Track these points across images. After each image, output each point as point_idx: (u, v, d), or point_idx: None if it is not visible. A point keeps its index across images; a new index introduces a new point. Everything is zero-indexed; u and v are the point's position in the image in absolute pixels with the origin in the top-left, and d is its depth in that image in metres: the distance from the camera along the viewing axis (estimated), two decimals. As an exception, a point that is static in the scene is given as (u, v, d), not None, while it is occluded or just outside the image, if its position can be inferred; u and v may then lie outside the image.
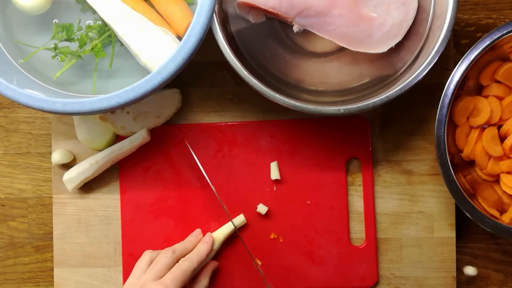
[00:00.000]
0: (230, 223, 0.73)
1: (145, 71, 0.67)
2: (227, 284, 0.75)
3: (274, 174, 0.74)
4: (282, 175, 0.75)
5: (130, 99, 0.60)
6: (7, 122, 0.78)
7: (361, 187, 0.75)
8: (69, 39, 0.67)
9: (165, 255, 0.68)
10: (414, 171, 0.76)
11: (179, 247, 0.70)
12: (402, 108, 0.76)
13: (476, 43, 0.65)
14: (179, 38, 0.68)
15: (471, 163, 0.72)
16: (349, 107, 0.64)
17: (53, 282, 0.76)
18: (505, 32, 0.64)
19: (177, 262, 0.68)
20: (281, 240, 0.75)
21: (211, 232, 0.74)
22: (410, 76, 0.64)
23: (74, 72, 0.69)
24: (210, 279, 0.72)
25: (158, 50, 0.65)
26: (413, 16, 0.69)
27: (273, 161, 0.75)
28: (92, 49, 0.67)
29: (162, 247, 0.72)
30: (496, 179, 0.72)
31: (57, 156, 0.74)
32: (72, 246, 0.76)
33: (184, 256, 0.69)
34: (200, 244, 0.72)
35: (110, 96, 0.60)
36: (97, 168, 0.74)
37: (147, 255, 0.70)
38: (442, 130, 0.65)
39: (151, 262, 0.68)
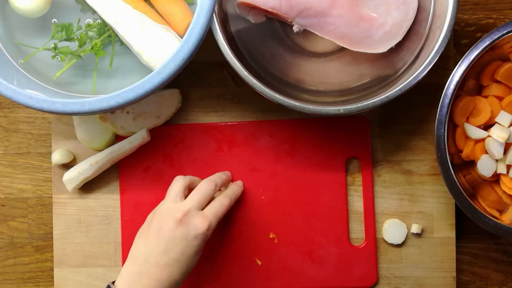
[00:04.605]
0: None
1: (145, 70, 0.67)
2: (227, 283, 0.75)
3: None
4: (282, 175, 0.75)
5: (130, 99, 0.60)
6: (7, 122, 0.78)
7: (361, 187, 0.75)
8: (68, 39, 0.67)
9: (209, 187, 0.67)
10: (414, 171, 0.76)
11: (218, 181, 0.70)
12: (402, 108, 0.76)
13: (476, 43, 0.65)
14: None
15: (471, 163, 0.72)
16: (349, 107, 0.64)
17: (53, 282, 0.76)
18: (505, 32, 0.64)
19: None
20: (280, 240, 0.75)
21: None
22: (410, 76, 0.64)
23: (74, 72, 0.69)
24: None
25: (160, 48, 0.65)
26: (413, 16, 0.69)
27: (273, 161, 0.75)
28: (91, 48, 0.67)
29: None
30: (496, 179, 0.72)
31: (57, 156, 0.74)
32: (72, 246, 0.76)
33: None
34: (234, 185, 0.73)
35: (110, 96, 0.60)
36: (97, 168, 0.74)
37: (180, 181, 0.68)
38: (442, 130, 0.65)
39: (185, 188, 0.67)
